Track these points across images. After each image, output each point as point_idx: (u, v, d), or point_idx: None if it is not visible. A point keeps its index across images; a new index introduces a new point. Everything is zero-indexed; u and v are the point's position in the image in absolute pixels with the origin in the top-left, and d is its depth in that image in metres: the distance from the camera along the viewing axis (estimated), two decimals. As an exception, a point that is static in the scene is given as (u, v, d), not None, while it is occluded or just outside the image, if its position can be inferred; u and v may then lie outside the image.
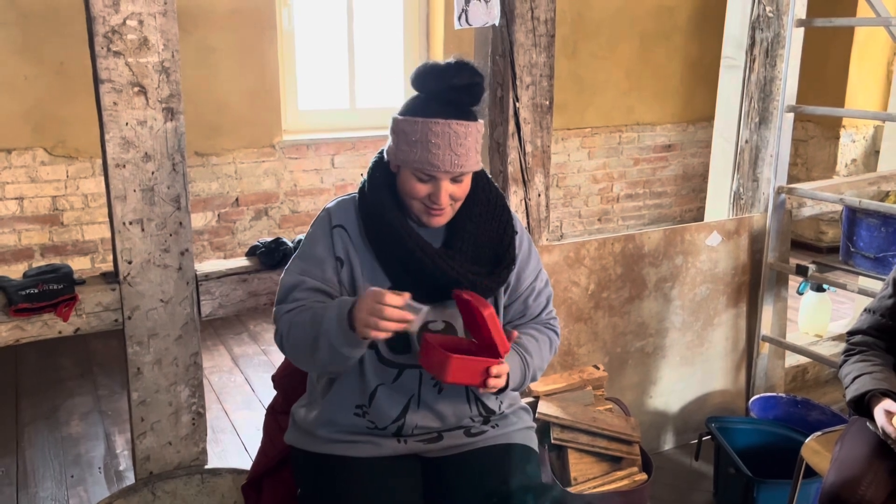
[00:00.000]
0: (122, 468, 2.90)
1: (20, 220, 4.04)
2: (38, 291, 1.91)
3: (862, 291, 2.85)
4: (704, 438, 2.76)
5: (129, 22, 1.85)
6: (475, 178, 1.66)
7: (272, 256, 2.21)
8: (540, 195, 2.49)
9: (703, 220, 3.22)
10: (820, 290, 3.61)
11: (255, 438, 2.84)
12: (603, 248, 2.71)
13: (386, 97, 4.98)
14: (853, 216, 2.97)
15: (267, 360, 3.84)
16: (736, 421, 2.78)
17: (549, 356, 1.76)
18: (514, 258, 1.70)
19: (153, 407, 2.10)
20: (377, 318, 1.41)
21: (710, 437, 2.67)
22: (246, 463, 2.58)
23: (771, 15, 2.96)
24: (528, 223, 2.49)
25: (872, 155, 5.62)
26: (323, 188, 4.75)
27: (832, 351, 3.30)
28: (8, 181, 3.97)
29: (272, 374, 2.03)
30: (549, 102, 2.42)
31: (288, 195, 4.66)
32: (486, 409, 1.72)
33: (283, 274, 1.67)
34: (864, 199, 2.95)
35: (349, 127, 4.86)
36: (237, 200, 4.53)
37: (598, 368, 2.61)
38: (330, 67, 4.87)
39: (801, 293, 4.20)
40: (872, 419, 1.87)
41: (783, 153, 2.96)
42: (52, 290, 1.93)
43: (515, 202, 2.44)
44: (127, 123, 1.90)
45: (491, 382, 1.50)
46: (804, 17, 2.85)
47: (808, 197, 3.05)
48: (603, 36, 5.44)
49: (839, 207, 3.12)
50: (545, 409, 2.37)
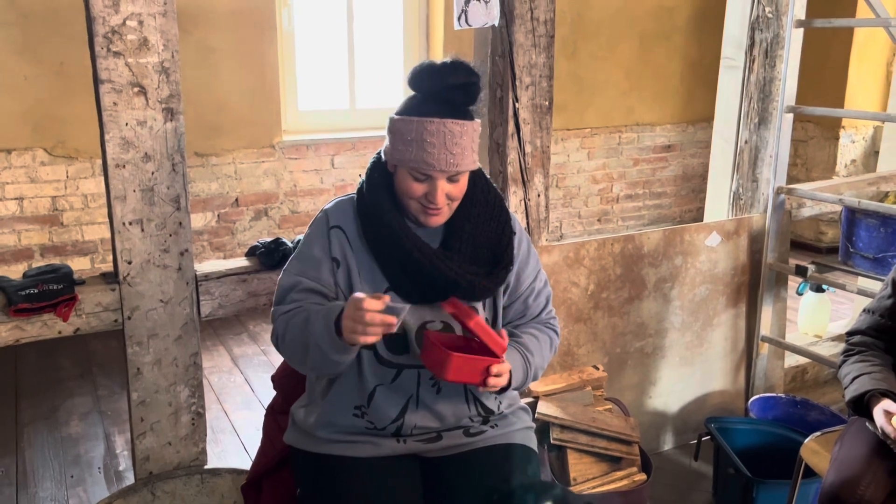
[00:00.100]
0: (121, 468, 2.90)
1: (20, 220, 4.04)
2: (37, 291, 1.92)
3: (861, 292, 2.86)
4: (704, 439, 2.76)
5: (128, 22, 1.85)
6: (473, 178, 1.65)
7: (272, 257, 2.21)
8: (539, 195, 2.49)
9: (702, 220, 3.22)
10: (819, 290, 3.61)
11: (254, 438, 2.84)
12: (602, 248, 2.71)
13: (386, 98, 4.98)
14: (852, 217, 2.97)
15: (266, 360, 3.84)
16: (735, 421, 2.78)
17: (549, 355, 1.76)
18: (512, 259, 1.69)
19: (153, 407, 2.10)
20: (360, 324, 1.41)
21: (709, 437, 2.67)
22: (245, 463, 2.58)
23: (770, 15, 2.96)
24: (527, 224, 2.49)
25: (872, 155, 5.62)
26: (323, 188, 4.75)
27: (831, 351, 3.30)
28: (8, 181, 3.97)
29: (272, 374, 2.03)
30: (548, 103, 2.42)
31: (288, 195, 4.66)
32: (485, 409, 1.72)
33: (280, 275, 1.67)
34: (863, 199, 2.95)
35: (349, 127, 4.86)
36: (237, 201, 4.53)
37: (597, 369, 2.61)
38: (330, 68, 4.87)
39: (800, 293, 4.21)
40: (872, 419, 1.87)
41: (782, 154, 2.96)
42: (51, 290, 1.93)
43: (515, 202, 2.44)
44: (127, 124, 1.90)
45: (491, 381, 1.51)
46: (803, 17, 2.86)
47: (807, 197, 3.05)
48: (603, 36, 5.44)
49: (838, 208, 3.12)
50: (545, 409, 2.37)
